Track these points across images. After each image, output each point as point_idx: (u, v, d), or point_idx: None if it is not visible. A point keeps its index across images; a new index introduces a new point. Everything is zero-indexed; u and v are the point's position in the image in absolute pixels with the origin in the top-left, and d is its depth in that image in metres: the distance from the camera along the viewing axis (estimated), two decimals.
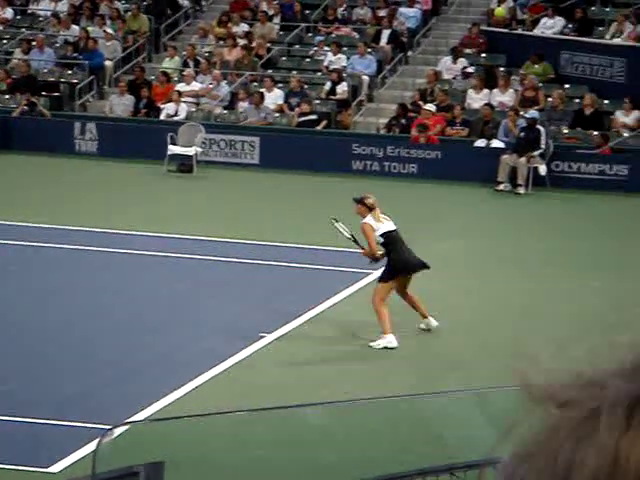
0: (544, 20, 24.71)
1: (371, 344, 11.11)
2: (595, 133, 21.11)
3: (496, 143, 21.16)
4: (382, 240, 11.38)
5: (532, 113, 20.90)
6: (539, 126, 20.57)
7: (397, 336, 11.12)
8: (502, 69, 23.81)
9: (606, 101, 22.14)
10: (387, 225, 11.47)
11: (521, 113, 21.52)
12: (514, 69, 23.63)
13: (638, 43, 22.76)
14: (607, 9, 24.76)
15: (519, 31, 25.00)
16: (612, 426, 0.61)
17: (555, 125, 21.55)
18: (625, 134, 21.18)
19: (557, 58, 23.68)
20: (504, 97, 22.80)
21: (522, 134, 20.50)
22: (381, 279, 11.43)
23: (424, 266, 11.57)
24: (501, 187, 20.03)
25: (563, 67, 23.70)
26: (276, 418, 7.77)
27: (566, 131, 21.58)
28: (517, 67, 23.68)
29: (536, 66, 23.52)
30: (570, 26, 24.36)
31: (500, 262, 14.61)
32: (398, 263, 11.36)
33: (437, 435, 7.49)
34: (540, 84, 22.87)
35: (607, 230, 16.76)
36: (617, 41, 23.16)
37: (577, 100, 22.35)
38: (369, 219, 11.41)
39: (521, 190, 19.87)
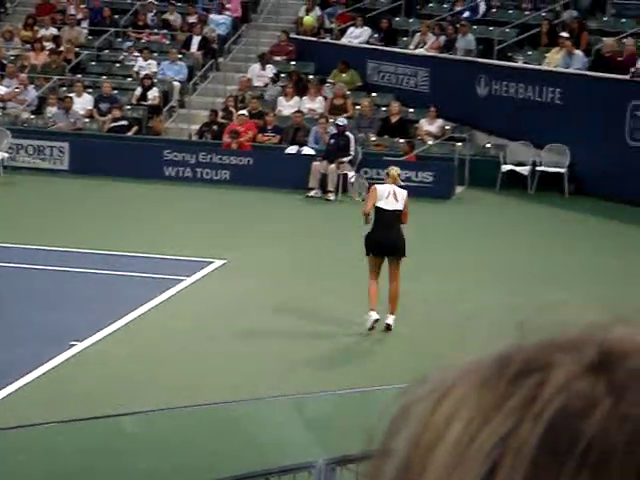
0: (351, 29, 25.25)
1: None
2: (401, 141, 21.71)
3: (307, 150, 21.49)
4: (374, 210, 12.08)
5: (342, 120, 21.35)
6: (348, 133, 21.02)
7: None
8: (311, 77, 24.23)
9: (411, 109, 22.80)
10: (388, 203, 11.97)
11: (331, 120, 21.94)
12: (323, 77, 24.06)
13: (441, 53, 23.53)
14: (411, 20, 25.50)
15: (327, 40, 25.47)
16: (430, 400, 0.68)
17: (363, 132, 22.06)
18: (430, 142, 21.86)
19: (364, 67, 24.24)
20: (314, 104, 23.19)
21: (332, 141, 20.90)
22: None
23: (382, 253, 11.97)
24: (312, 193, 20.36)
25: (370, 76, 24.28)
26: (87, 427, 7.71)
27: (374, 138, 22.11)
28: (326, 75, 24.13)
29: (343, 75, 24.01)
30: (376, 36, 24.97)
31: (312, 267, 14.86)
32: (366, 238, 12.09)
33: (253, 440, 7.59)
34: (348, 92, 23.37)
35: (413, 235, 17.25)
36: (421, 51, 23.88)
37: (384, 108, 22.94)
38: (381, 185, 12.19)
39: (331, 196, 20.24)
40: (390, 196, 12.05)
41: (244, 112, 22.32)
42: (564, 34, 22.22)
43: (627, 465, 0.62)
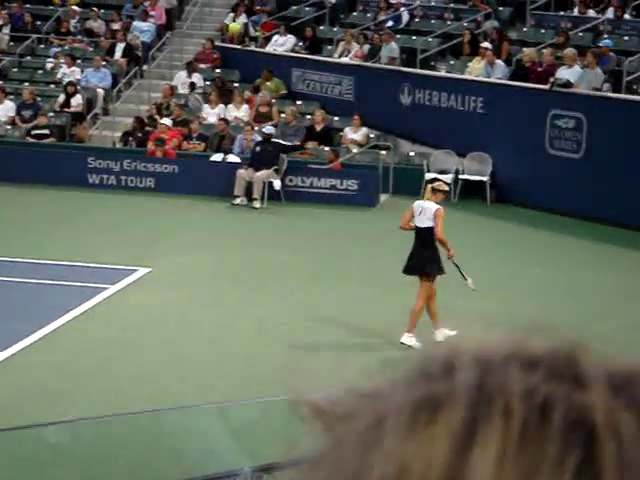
0: (276, 37, 25.33)
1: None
2: (326, 149, 21.82)
3: (232, 158, 21.50)
4: None
5: (268, 129, 21.41)
6: (277, 140, 21.14)
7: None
8: (237, 84, 24.26)
9: (336, 118, 22.93)
10: (418, 220, 11.99)
11: (256, 128, 21.98)
12: (249, 85, 24.10)
13: (365, 62, 23.71)
14: (335, 29, 25.66)
15: (252, 48, 25.51)
16: (397, 432, 0.62)
17: (289, 140, 22.12)
18: (354, 150, 22.00)
19: (289, 75, 24.33)
20: (239, 112, 23.20)
21: (258, 149, 20.94)
22: None
23: (408, 272, 12.03)
24: (237, 201, 20.36)
25: (295, 84, 24.37)
26: (9, 437, 7.64)
27: None
28: (251, 83, 24.18)
29: (268, 82, 24.07)
30: (301, 44, 25.09)
31: (238, 275, 14.87)
32: None
33: (177, 449, 7.58)
34: (273, 100, 23.43)
35: (338, 242, 17.37)
36: (345, 60, 24.04)
37: (309, 116, 23.04)
38: (417, 202, 12.13)
39: (257, 204, 20.26)
40: (421, 213, 11.97)
41: (166, 121, 22.26)
42: (485, 44, 22.53)
43: None
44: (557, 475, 0.60)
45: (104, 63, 24.60)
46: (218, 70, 25.05)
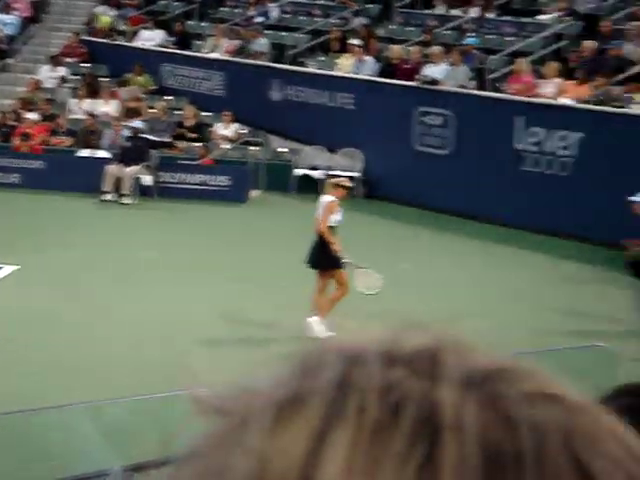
0: (144, 32, 25.10)
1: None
2: (197, 144, 21.74)
3: (101, 153, 21.25)
4: None
5: (136, 124, 21.22)
6: (145, 135, 20.97)
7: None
8: (106, 79, 23.95)
9: (207, 113, 22.87)
10: (318, 214, 12.29)
11: (125, 123, 21.76)
12: (117, 80, 23.84)
13: (235, 58, 23.69)
14: (204, 24, 25.57)
15: (120, 42, 25.23)
16: (259, 429, 0.62)
17: (158, 136, 21.97)
18: (226, 146, 21.98)
19: (158, 70, 24.15)
20: (108, 107, 22.93)
21: (127, 144, 20.76)
22: None
23: (309, 266, 12.16)
24: (107, 197, 20.14)
25: (165, 79, 24.21)
26: None
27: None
28: (119, 77, 23.91)
29: (138, 77, 23.86)
30: (170, 39, 24.92)
31: (108, 272, 14.72)
32: None
33: (45, 450, 7.48)
34: (143, 95, 23.23)
35: (209, 238, 17.34)
36: (215, 55, 23.97)
37: (179, 112, 22.92)
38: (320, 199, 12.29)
39: (126, 200, 20.08)
40: (320, 207, 12.21)
41: (33, 115, 21.86)
42: (354, 41, 22.75)
43: (567, 467, 0.62)
44: (399, 473, 0.60)
45: None
46: (86, 64, 24.70)
